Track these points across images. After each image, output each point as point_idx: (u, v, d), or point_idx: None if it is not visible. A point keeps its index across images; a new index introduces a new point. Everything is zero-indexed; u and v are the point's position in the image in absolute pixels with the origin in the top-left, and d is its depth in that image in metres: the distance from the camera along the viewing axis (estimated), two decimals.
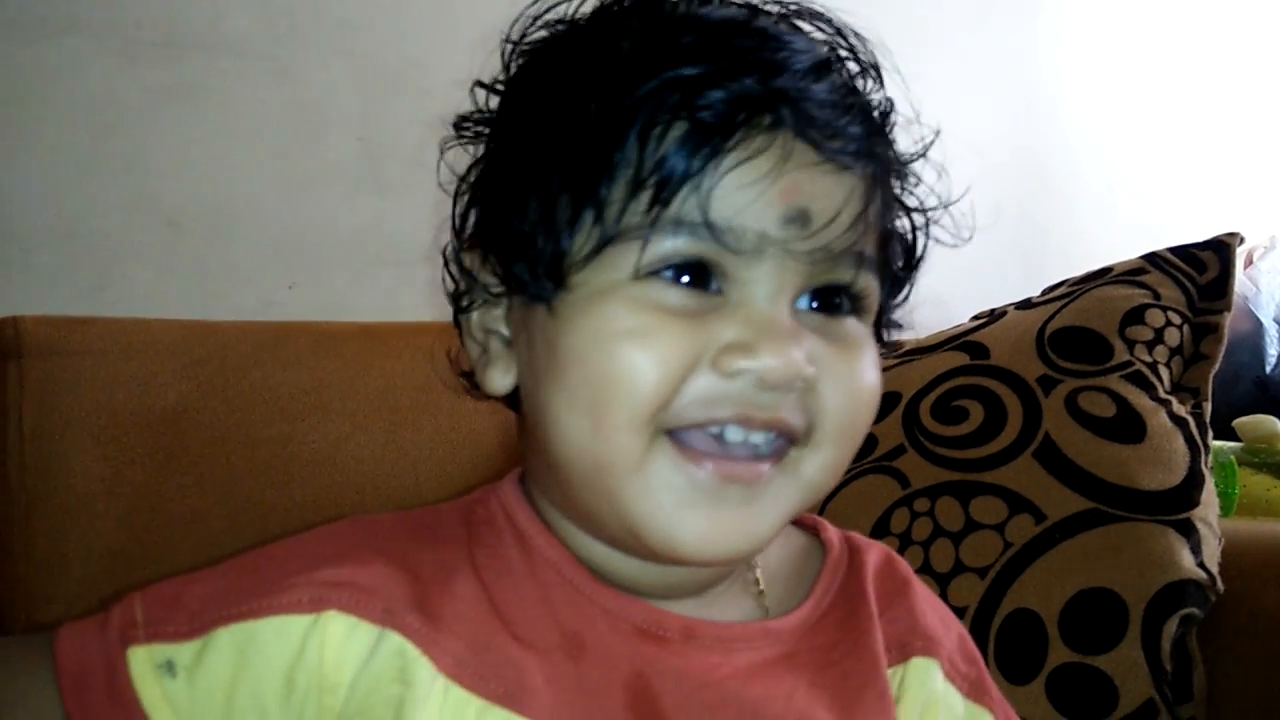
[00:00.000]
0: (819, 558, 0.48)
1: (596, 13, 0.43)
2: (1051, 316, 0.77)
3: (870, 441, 0.77)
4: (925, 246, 0.46)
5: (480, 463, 0.95)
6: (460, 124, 0.47)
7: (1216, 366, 0.73)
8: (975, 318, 0.89)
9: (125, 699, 0.38)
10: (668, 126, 0.37)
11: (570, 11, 0.45)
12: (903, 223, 0.45)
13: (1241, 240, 0.78)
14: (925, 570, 0.69)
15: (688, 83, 0.37)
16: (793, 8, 0.43)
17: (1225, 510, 0.89)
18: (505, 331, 0.43)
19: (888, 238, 0.43)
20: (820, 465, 0.40)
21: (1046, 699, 0.63)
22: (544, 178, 0.39)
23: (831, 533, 0.49)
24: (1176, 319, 0.74)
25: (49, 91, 0.90)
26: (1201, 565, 0.65)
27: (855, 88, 0.42)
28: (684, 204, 0.37)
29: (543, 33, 0.44)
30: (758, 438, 0.39)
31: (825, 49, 0.42)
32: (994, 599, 0.66)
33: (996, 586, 0.66)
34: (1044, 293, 0.82)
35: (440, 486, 0.93)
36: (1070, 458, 0.68)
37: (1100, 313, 0.75)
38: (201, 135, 0.96)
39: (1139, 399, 0.70)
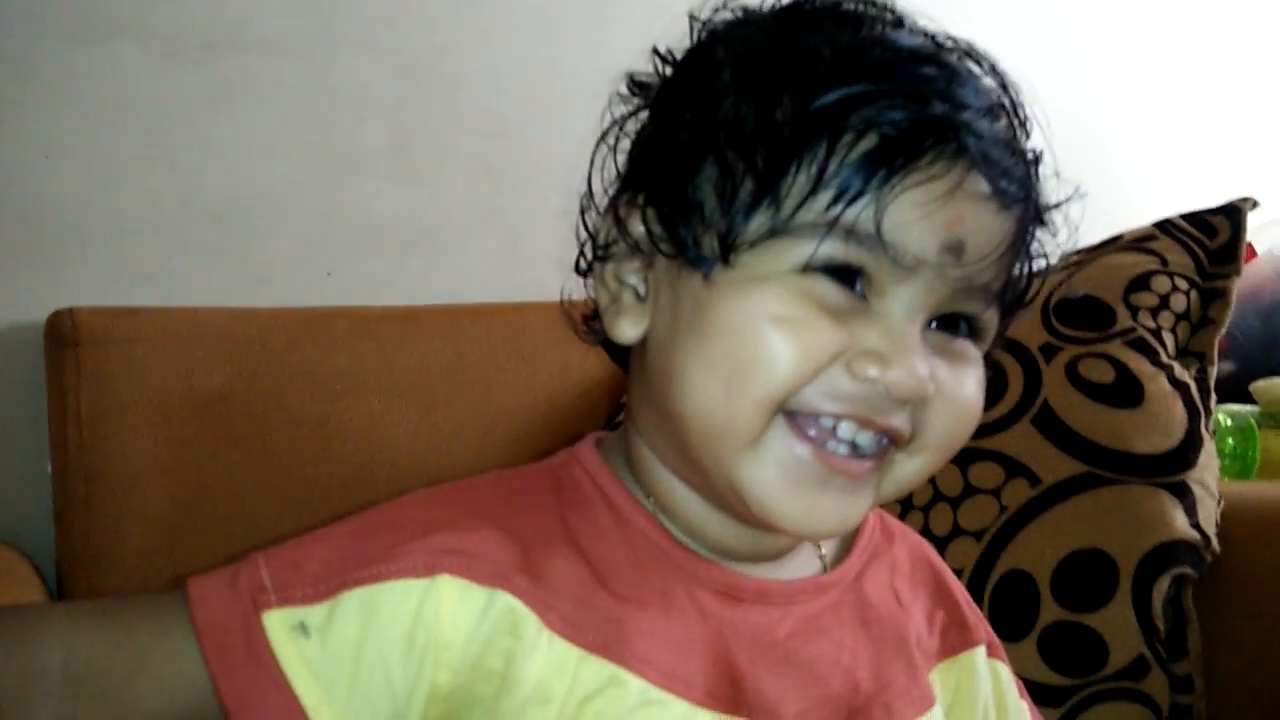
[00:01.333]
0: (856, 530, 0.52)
1: (792, 9, 0.46)
2: (1060, 285, 0.77)
3: None
4: (1035, 289, 0.48)
5: (510, 439, 0.99)
6: (632, 84, 0.48)
7: (1223, 331, 0.73)
8: None
9: (265, 660, 0.39)
10: (858, 138, 0.40)
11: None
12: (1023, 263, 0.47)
13: (1255, 205, 0.78)
14: (925, 533, 0.71)
15: (880, 97, 0.40)
16: (966, 49, 0.46)
17: (1246, 473, 0.89)
18: (641, 286, 0.46)
19: (1016, 276, 0.46)
20: (915, 469, 0.44)
21: (1039, 655, 0.65)
22: (728, 158, 0.42)
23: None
24: (1184, 285, 0.74)
25: (99, 94, 0.95)
26: (1196, 526, 0.66)
27: (1016, 134, 0.45)
28: (860, 213, 0.40)
29: (729, 15, 0.47)
30: (865, 438, 0.42)
31: (995, 93, 0.45)
32: (989, 561, 0.68)
33: (992, 549, 0.68)
34: (1061, 260, 0.83)
35: (472, 461, 0.97)
36: (1067, 423, 0.70)
37: (1106, 280, 0.75)
38: (242, 131, 1.01)
39: (1139, 364, 0.70)
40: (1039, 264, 0.47)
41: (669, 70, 0.47)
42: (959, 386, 0.43)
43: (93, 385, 0.86)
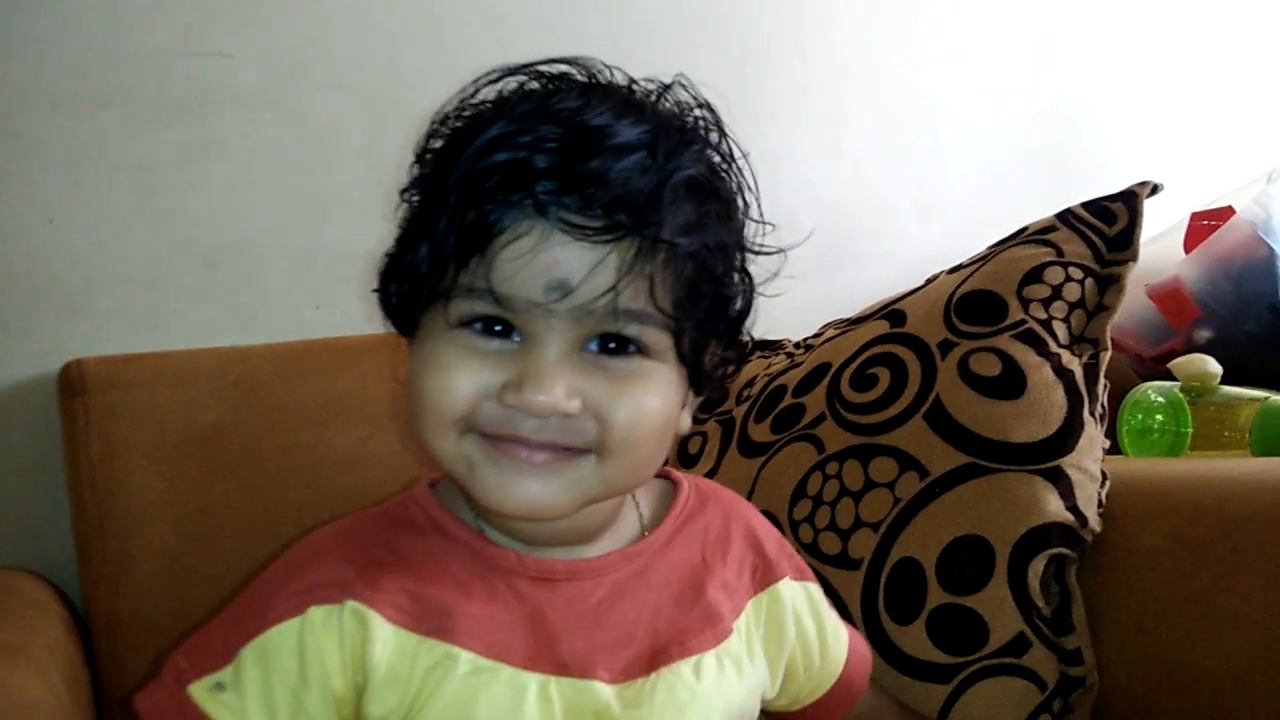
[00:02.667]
0: (670, 498, 0.61)
1: (493, 101, 0.53)
2: (963, 281, 0.81)
3: (799, 411, 0.84)
4: (733, 302, 0.55)
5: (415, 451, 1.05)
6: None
7: (1114, 316, 0.76)
8: (928, 280, 0.93)
9: (196, 716, 0.50)
10: (464, 211, 0.48)
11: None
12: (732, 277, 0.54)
13: (1155, 190, 0.80)
14: (831, 528, 0.76)
15: (477, 175, 0.48)
16: (625, 90, 0.53)
17: (1179, 448, 0.91)
18: None
19: (699, 290, 0.51)
20: (613, 468, 0.51)
21: (927, 636, 0.69)
22: (403, 245, 0.53)
23: (683, 481, 0.63)
24: (1078, 274, 0.77)
25: (94, 158, 1.04)
26: (1073, 508, 0.70)
27: (642, 165, 0.49)
28: (474, 275, 0.49)
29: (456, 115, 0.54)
30: (540, 455, 0.50)
31: (632, 126, 0.50)
32: (884, 550, 0.72)
33: (886, 538, 0.72)
34: (974, 256, 0.86)
35: None
36: (953, 416, 0.74)
37: (1002, 274, 0.79)
38: (226, 182, 1.09)
39: (1025, 356, 0.74)
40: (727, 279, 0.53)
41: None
42: (620, 396, 0.50)
43: (101, 428, 0.95)
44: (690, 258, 0.50)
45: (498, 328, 0.50)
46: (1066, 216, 0.81)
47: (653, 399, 0.51)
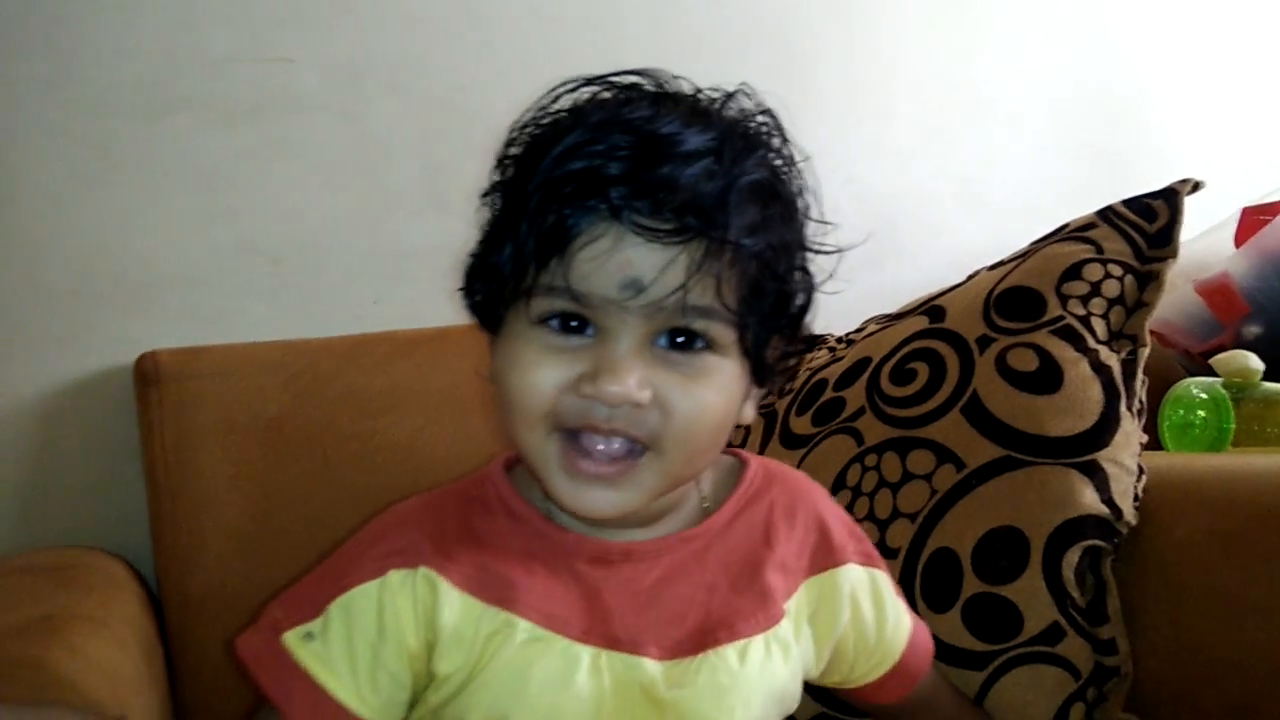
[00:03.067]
0: (737, 478, 0.64)
1: (568, 110, 0.57)
2: (1004, 277, 0.82)
3: (839, 404, 0.86)
4: (794, 299, 0.57)
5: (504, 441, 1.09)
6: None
7: (1154, 312, 0.77)
8: (970, 276, 0.95)
9: (290, 663, 0.56)
10: (544, 215, 0.52)
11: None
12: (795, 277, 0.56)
13: (1196, 187, 0.80)
14: (870, 518, 0.78)
15: (555, 182, 0.52)
16: (692, 99, 0.56)
17: (1221, 444, 0.91)
18: None
19: (763, 287, 0.54)
20: (673, 459, 0.55)
21: (963, 624, 0.71)
22: (486, 246, 0.57)
23: (751, 461, 0.65)
24: (1118, 270, 0.78)
25: (166, 160, 1.09)
26: (1108, 501, 0.71)
27: (709, 171, 0.52)
28: (553, 274, 0.52)
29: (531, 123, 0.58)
30: (615, 443, 0.54)
31: (700, 137, 0.53)
32: (921, 540, 0.74)
33: (923, 529, 0.74)
34: (1015, 253, 0.88)
35: None
36: (990, 410, 0.75)
37: (1042, 271, 0.80)
38: (290, 182, 1.13)
39: (1063, 351, 0.75)
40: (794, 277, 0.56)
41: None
42: (684, 393, 0.53)
43: (174, 416, 1.00)
44: (754, 257, 0.53)
45: (574, 324, 0.54)
46: (1107, 214, 0.82)
47: (716, 392, 0.54)
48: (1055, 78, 1.50)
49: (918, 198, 1.42)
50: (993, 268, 0.87)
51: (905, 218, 1.40)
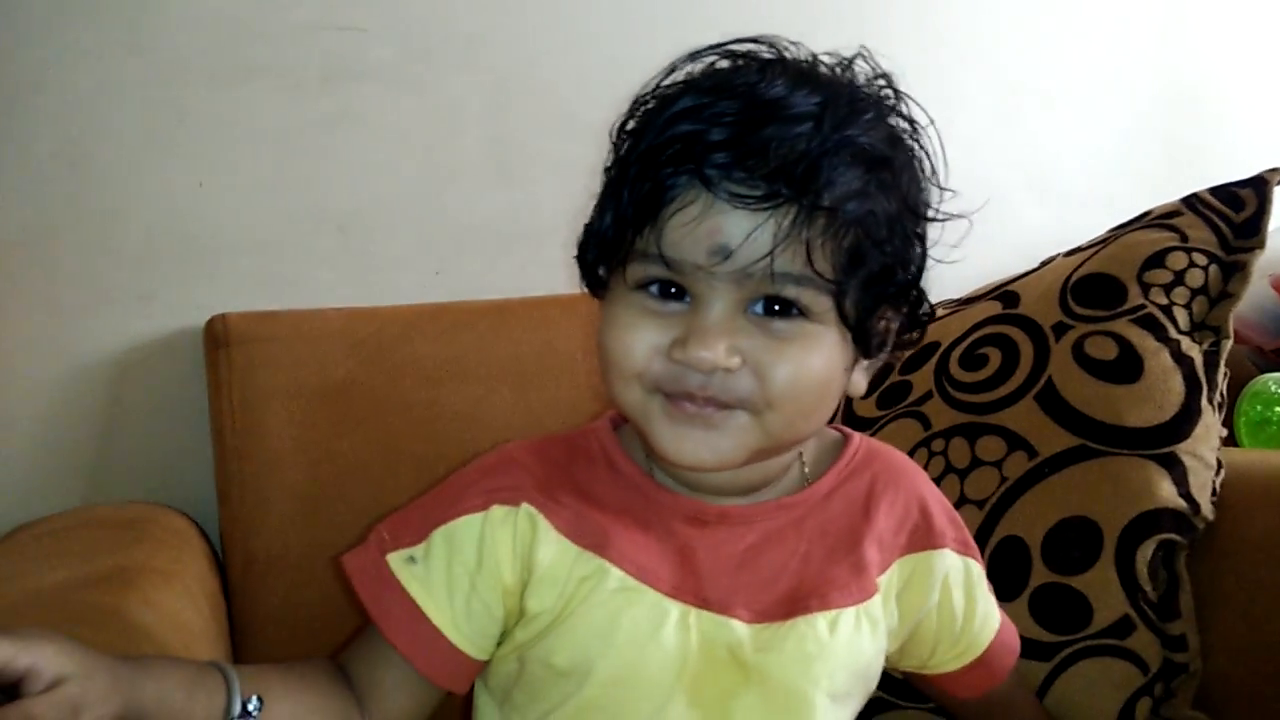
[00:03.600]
0: (839, 451, 0.65)
1: (683, 80, 0.58)
2: (1081, 264, 0.81)
3: (905, 388, 0.85)
4: (901, 268, 0.56)
5: (597, 414, 1.09)
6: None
7: (1238, 303, 0.75)
8: (1042, 263, 0.93)
9: (391, 581, 0.59)
10: (641, 184, 0.54)
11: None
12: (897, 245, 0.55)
13: None
14: None
15: (653, 150, 0.53)
16: (805, 64, 0.57)
17: None
18: None
19: (861, 255, 0.53)
20: (772, 421, 0.55)
21: (1030, 614, 0.70)
22: (596, 214, 0.58)
23: (854, 436, 0.66)
24: (1202, 260, 0.76)
25: (240, 126, 1.10)
26: (1185, 495, 0.69)
27: (810, 135, 0.52)
28: (647, 241, 0.54)
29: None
30: (710, 408, 0.55)
31: (805, 101, 0.53)
32: (989, 527, 0.73)
33: (991, 516, 0.73)
34: (1093, 239, 0.86)
35: None
36: (1066, 398, 0.74)
37: (1123, 258, 0.78)
38: (359, 151, 1.14)
39: (1143, 340, 0.73)
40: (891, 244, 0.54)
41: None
42: (778, 358, 0.53)
43: (242, 379, 1.02)
44: (853, 224, 0.53)
45: (672, 290, 0.55)
46: (1192, 201, 0.80)
47: (812, 358, 0.54)
48: (1130, 66, 1.46)
49: (986, 185, 1.39)
50: (1069, 254, 0.85)
51: (974, 202, 1.37)
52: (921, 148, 0.58)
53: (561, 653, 0.57)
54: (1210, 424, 0.72)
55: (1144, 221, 0.81)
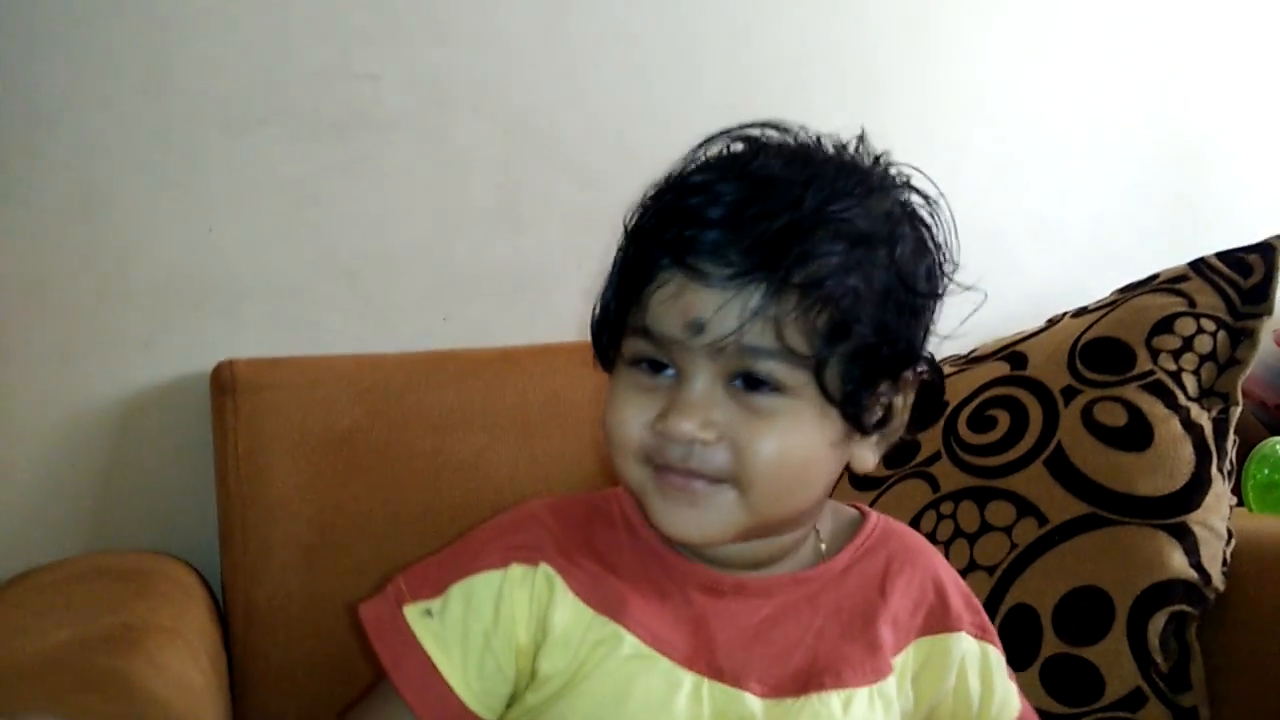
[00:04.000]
0: (856, 528, 0.65)
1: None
2: (1090, 326, 0.81)
3: (912, 449, 0.85)
4: (888, 344, 0.56)
5: (600, 467, 1.09)
6: None
7: (1248, 371, 0.75)
8: (1049, 321, 0.93)
9: (406, 634, 0.58)
10: (632, 262, 0.56)
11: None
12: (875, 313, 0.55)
13: None
14: None
15: (641, 232, 0.56)
16: (805, 145, 0.58)
17: None
18: None
19: (823, 331, 0.54)
20: (755, 498, 0.55)
21: (1041, 685, 0.70)
22: (602, 294, 0.59)
23: (872, 514, 0.66)
24: (1210, 326, 0.76)
25: (251, 172, 1.11)
26: (1196, 565, 0.69)
27: (784, 212, 0.53)
28: (635, 317, 0.56)
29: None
30: (695, 481, 0.55)
31: (788, 177, 0.54)
32: (999, 594, 0.73)
33: (1001, 583, 0.73)
34: (1100, 301, 0.86)
35: (566, 487, 1.07)
36: (1076, 465, 0.74)
37: (1131, 322, 0.78)
38: (370, 198, 1.15)
39: (1153, 407, 0.73)
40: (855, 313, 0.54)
41: None
42: (753, 434, 0.54)
43: (248, 425, 1.02)
44: (829, 300, 0.53)
45: (661, 365, 0.56)
46: (1200, 266, 0.80)
47: (790, 434, 0.54)
48: (1135, 119, 1.47)
49: (991, 235, 1.40)
50: (1076, 315, 0.86)
51: (979, 254, 1.38)
52: (924, 223, 0.58)
53: (573, 718, 0.57)
54: (1220, 493, 0.72)
55: (1152, 285, 0.81)
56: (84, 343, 1.06)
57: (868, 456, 0.59)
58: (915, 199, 0.58)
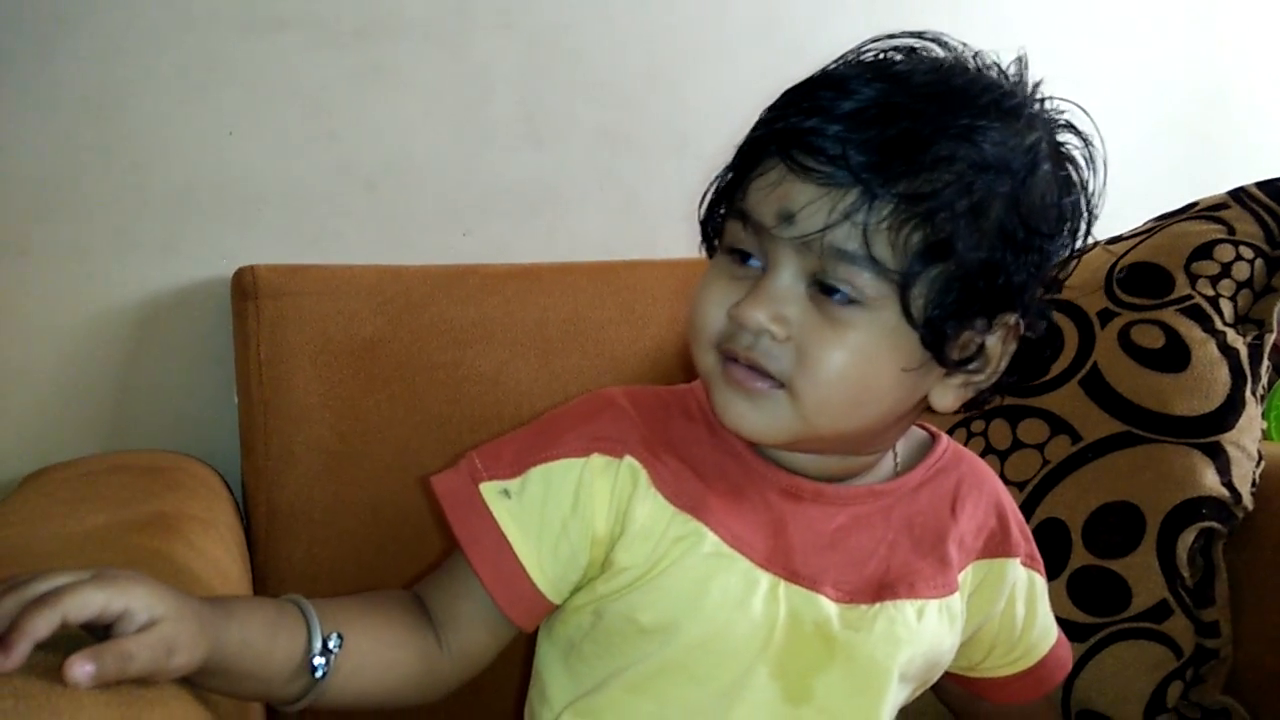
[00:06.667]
0: (927, 449, 0.65)
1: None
2: (1127, 252, 0.81)
3: None
4: (987, 279, 0.54)
5: (620, 384, 1.09)
6: None
7: None
8: (1078, 251, 0.93)
9: (483, 511, 0.58)
10: (745, 149, 0.57)
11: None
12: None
13: None
14: None
15: (760, 123, 0.57)
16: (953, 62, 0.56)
17: None
18: None
19: (915, 250, 0.52)
20: (806, 405, 0.55)
21: (1068, 596, 0.71)
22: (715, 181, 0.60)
23: (942, 437, 0.67)
24: (1249, 253, 0.76)
25: (270, 79, 1.09)
26: (1228, 484, 0.70)
27: (880, 130, 0.52)
28: (737, 201, 0.56)
29: None
30: (755, 378, 0.56)
31: (917, 90, 0.53)
32: (1029, 509, 0.74)
33: (1032, 498, 0.74)
34: (1136, 228, 0.86)
35: None
36: (1111, 385, 0.74)
37: (1171, 248, 0.79)
38: (390, 108, 1.13)
39: (1190, 331, 0.74)
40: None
41: None
42: (819, 339, 0.54)
43: (270, 332, 1.01)
44: (926, 218, 0.51)
45: (752, 258, 0.56)
46: (1239, 195, 0.80)
47: (857, 350, 0.53)
48: (1160, 61, 1.46)
49: None
50: (1111, 242, 0.86)
51: None
52: (1072, 164, 0.56)
53: (648, 610, 0.58)
54: (1253, 415, 0.73)
55: (1190, 213, 0.82)
56: (103, 243, 1.05)
57: (947, 396, 0.58)
58: (1071, 139, 0.56)
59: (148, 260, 1.06)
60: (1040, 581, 0.66)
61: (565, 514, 0.58)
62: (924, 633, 0.59)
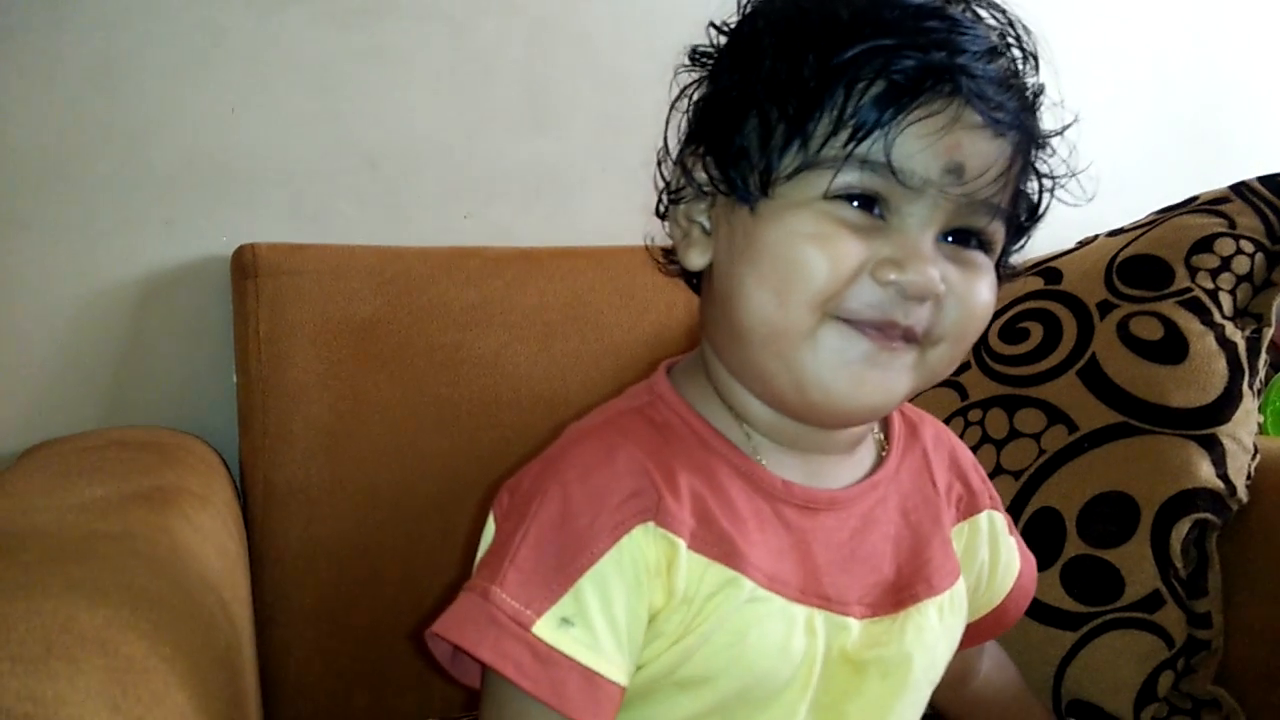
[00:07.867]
0: (886, 422, 0.60)
1: None
2: (1127, 244, 0.81)
3: None
4: (1047, 207, 0.55)
5: (618, 370, 1.09)
6: (692, 55, 0.57)
7: None
8: (1080, 243, 0.93)
9: (555, 657, 0.49)
10: (870, 84, 0.48)
11: None
12: (1033, 185, 0.54)
13: None
14: None
15: (888, 51, 0.47)
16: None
17: None
18: (706, 223, 0.55)
19: (1019, 195, 0.53)
20: (939, 357, 0.51)
21: (1060, 585, 0.71)
22: (766, 109, 0.50)
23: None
24: (1249, 247, 0.76)
25: (274, 56, 1.09)
26: (1223, 476, 0.70)
27: (1017, 71, 0.51)
28: (872, 146, 0.48)
29: None
30: (896, 343, 0.50)
31: (997, 36, 0.51)
32: (1024, 498, 0.74)
33: (1027, 487, 0.74)
34: (1138, 221, 0.86)
35: (584, 390, 1.07)
36: (1109, 376, 0.75)
37: (1171, 241, 0.79)
38: (394, 88, 1.13)
39: (1189, 323, 0.74)
40: (1047, 185, 0.54)
41: (722, 40, 0.56)
42: (969, 287, 0.50)
43: (269, 310, 1.01)
44: (1028, 160, 0.52)
45: (871, 205, 0.49)
46: (1241, 189, 0.80)
47: (988, 291, 0.51)
48: (1160, 52, 1.46)
49: None
50: (1112, 234, 0.86)
51: None
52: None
53: (686, 666, 0.52)
54: (1250, 409, 0.73)
55: (1191, 206, 0.82)
56: (104, 218, 1.05)
57: None
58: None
59: (148, 237, 1.06)
60: (999, 518, 0.63)
61: (628, 601, 0.51)
62: (946, 631, 0.57)
